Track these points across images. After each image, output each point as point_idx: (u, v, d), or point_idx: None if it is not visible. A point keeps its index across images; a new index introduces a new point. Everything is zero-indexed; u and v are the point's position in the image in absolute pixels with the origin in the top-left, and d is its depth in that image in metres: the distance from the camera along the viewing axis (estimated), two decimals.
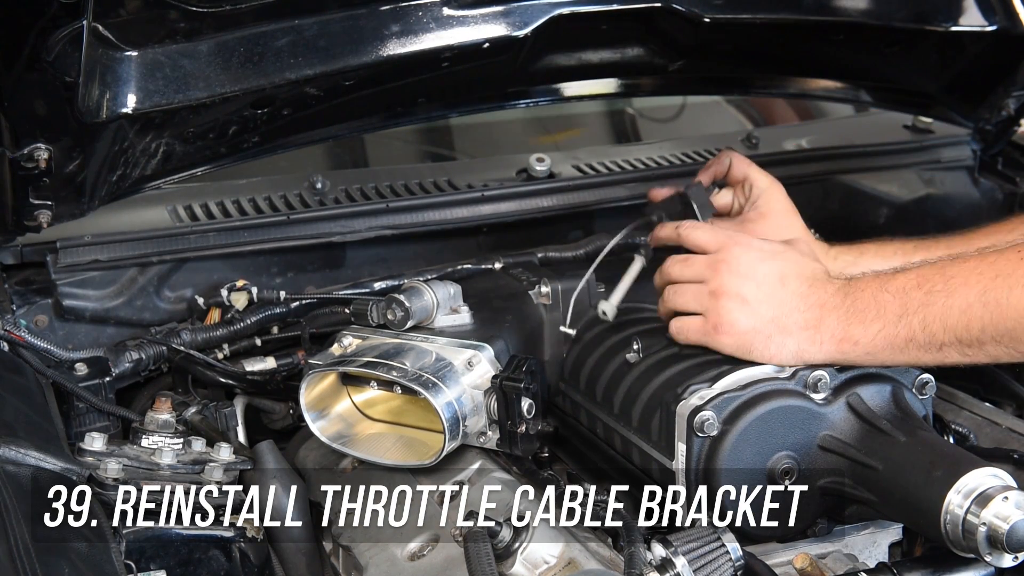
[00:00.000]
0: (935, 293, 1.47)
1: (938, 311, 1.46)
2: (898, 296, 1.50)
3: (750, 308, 1.59)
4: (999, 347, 1.44)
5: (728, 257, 1.64)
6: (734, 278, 1.61)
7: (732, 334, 1.59)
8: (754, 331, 1.58)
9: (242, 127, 1.93)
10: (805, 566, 1.45)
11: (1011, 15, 2.19)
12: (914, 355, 1.50)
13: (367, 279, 2.15)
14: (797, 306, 1.57)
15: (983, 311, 1.42)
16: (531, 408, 1.68)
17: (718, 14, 2.03)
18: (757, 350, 1.58)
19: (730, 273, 1.62)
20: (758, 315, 1.58)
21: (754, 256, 1.63)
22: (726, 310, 1.60)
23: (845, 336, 1.53)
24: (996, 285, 1.42)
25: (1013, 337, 1.42)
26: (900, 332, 1.49)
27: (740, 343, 1.59)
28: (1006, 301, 1.41)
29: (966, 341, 1.45)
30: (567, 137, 3.15)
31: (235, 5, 1.74)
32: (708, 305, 1.62)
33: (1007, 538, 1.33)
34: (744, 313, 1.59)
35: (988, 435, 1.83)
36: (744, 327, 1.59)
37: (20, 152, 1.69)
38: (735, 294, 1.60)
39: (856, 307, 1.53)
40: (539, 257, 2.22)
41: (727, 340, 1.60)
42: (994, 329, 1.42)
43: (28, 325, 1.97)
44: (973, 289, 1.44)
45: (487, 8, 1.92)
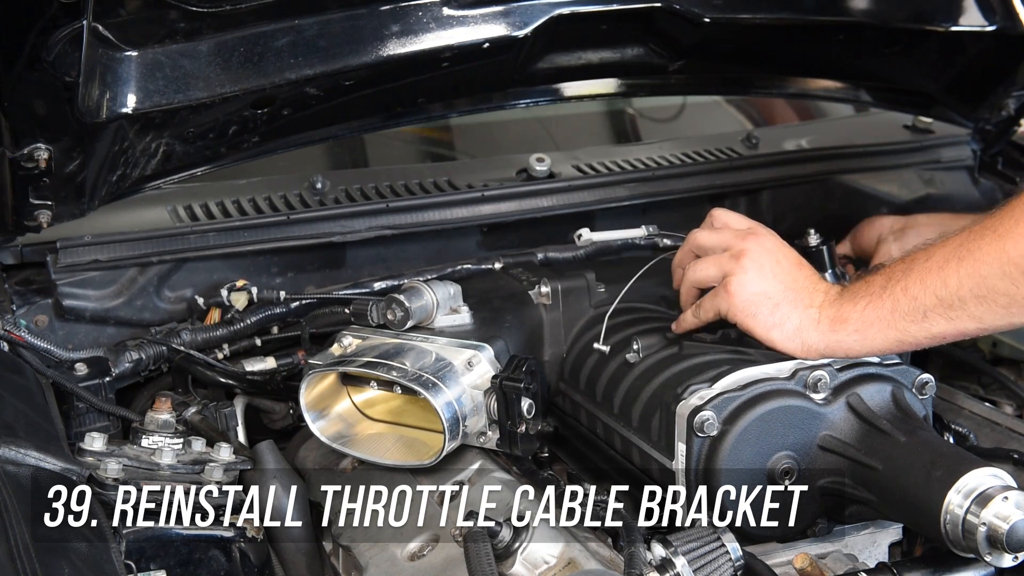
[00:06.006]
0: (915, 260, 1.52)
1: (917, 273, 1.50)
2: (883, 272, 1.56)
3: (766, 274, 1.64)
4: (981, 305, 1.45)
5: (758, 232, 1.71)
6: (758, 248, 1.66)
7: (744, 294, 1.63)
8: (763, 295, 1.62)
9: (242, 127, 1.93)
10: (805, 566, 1.45)
11: (1011, 15, 2.19)
12: (901, 327, 1.52)
13: (367, 279, 2.15)
14: (807, 287, 1.62)
15: (958, 264, 1.46)
16: (531, 408, 1.68)
17: (718, 14, 2.03)
18: (761, 315, 1.62)
19: (756, 244, 1.67)
20: (771, 282, 1.63)
21: (778, 240, 1.70)
22: (742, 269, 1.64)
23: (838, 316, 1.57)
24: (969, 237, 1.47)
25: (991, 287, 1.43)
26: (885, 302, 1.53)
27: (748, 303, 1.63)
28: (978, 249, 1.44)
29: (947, 300, 1.47)
30: (568, 137, 3.13)
31: (235, 5, 1.74)
32: (728, 267, 1.67)
33: (1007, 538, 1.33)
34: (760, 276, 1.64)
35: (988, 435, 1.83)
36: (755, 288, 1.63)
37: (20, 152, 1.69)
38: (756, 259, 1.65)
39: (850, 290, 1.59)
40: (539, 257, 2.22)
41: (738, 300, 1.64)
42: (970, 281, 1.45)
43: (28, 325, 1.97)
44: (949, 247, 1.49)
45: (487, 8, 1.92)
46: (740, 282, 1.64)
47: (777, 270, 1.65)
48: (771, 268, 1.65)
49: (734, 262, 1.66)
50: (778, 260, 1.66)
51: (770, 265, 1.65)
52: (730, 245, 1.70)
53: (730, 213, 1.80)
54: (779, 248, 1.68)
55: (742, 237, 1.70)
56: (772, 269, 1.65)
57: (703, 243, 1.76)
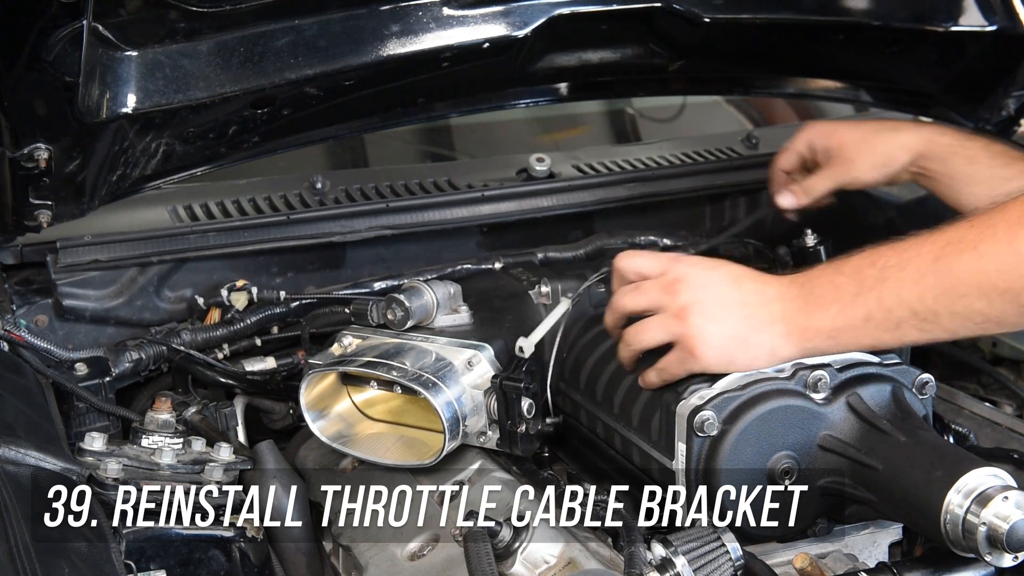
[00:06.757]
0: (889, 268, 1.46)
1: (892, 285, 1.45)
2: (853, 276, 1.49)
3: (719, 317, 1.53)
4: (955, 320, 1.42)
5: (679, 274, 1.57)
6: (693, 293, 1.54)
7: (712, 348, 1.52)
8: (730, 339, 1.52)
9: (242, 127, 1.93)
10: (805, 566, 1.45)
11: (1011, 15, 2.19)
12: (874, 335, 1.48)
13: (367, 279, 2.15)
14: (759, 302, 1.53)
15: (935, 280, 1.41)
16: (531, 408, 1.69)
17: (718, 14, 2.03)
18: (740, 357, 1.53)
19: (688, 289, 1.54)
20: (729, 322, 1.52)
21: (700, 267, 1.58)
22: (697, 327, 1.52)
23: (808, 324, 1.50)
24: (946, 252, 1.42)
25: (967, 306, 1.40)
26: (858, 311, 1.47)
27: (722, 355, 1.53)
28: (957, 267, 1.40)
29: (922, 314, 1.44)
30: (568, 136, 3.15)
31: (235, 5, 1.74)
32: (678, 329, 1.54)
33: (1007, 538, 1.33)
34: (716, 324, 1.52)
35: (988, 435, 1.83)
36: (721, 338, 1.52)
37: (20, 152, 1.69)
38: (701, 308, 1.53)
39: (814, 293, 1.51)
40: (539, 257, 2.23)
41: (709, 357, 1.52)
42: (947, 298, 1.41)
43: (28, 325, 1.97)
44: (924, 259, 1.43)
45: (487, 8, 1.92)
46: (701, 340, 1.52)
47: (724, 304, 1.53)
48: (719, 307, 1.53)
49: (682, 322, 1.53)
50: (720, 294, 1.54)
51: (716, 305, 1.53)
52: (663, 304, 1.56)
53: (636, 257, 1.66)
54: (706, 275, 1.56)
55: (671, 289, 1.56)
56: (720, 307, 1.53)
57: (633, 307, 1.62)
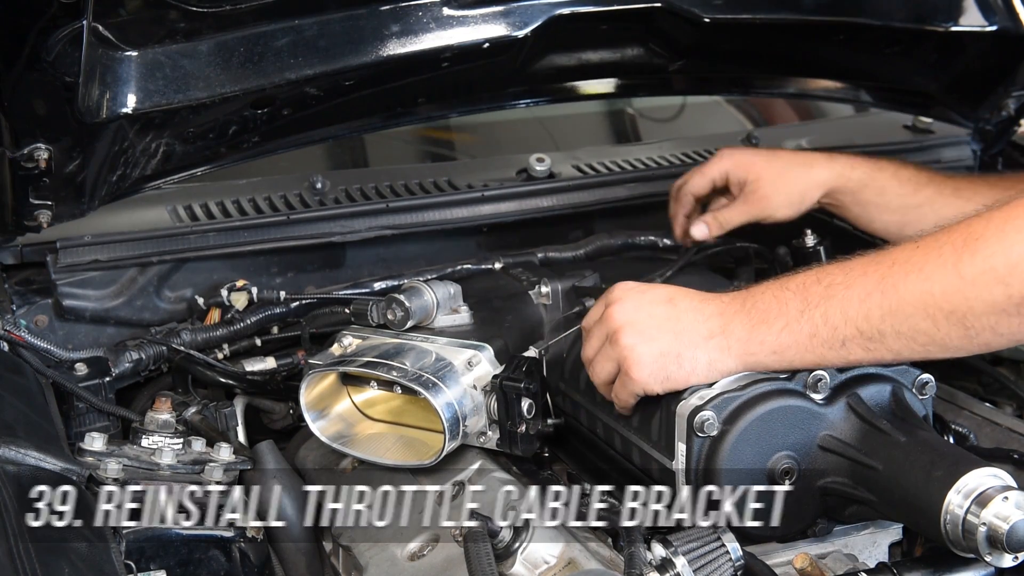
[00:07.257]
0: (835, 286, 1.46)
1: (838, 303, 1.44)
2: (798, 292, 1.48)
3: (650, 335, 1.53)
4: (900, 340, 1.42)
5: (611, 299, 1.59)
6: (623, 315, 1.55)
7: (643, 366, 1.52)
8: (662, 355, 1.52)
9: (242, 127, 1.93)
10: (805, 566, 1.45)
11: (1011, 15, 2.19)
12: (819, 352, 1.47)
13: (367, 279, 2.15)
14: (696, 319, 1.52)
15: (881, 299, 1.41)
16: (531, 408, 1.69)
17: (718, 14, 2.04)
18: (673, 373, 1.52)
19: (619, 312, 1.56)
20: (660, 339, 1.52)
21: (635, 290, 1.59)
22: (628, 347, 1.53)
23: (751, 338, 1.49)
24: (893, 272, 1.41)
25: (913, 327, 1.40)
26: (803, 327, 1.47)
27: (654, 372, 1.53)
28: (903, 287, 1.40)
29: (867, 333, 1.43)
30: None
31: (235, 5, 1.74)
32: (614, 353, 1.55)
33: (1007, 538, 1.33)
34: (645, 342, 1.53)
35: (988, 435, 1.83)
36: (651, 356, 1.52)
37: (20, 152, 1.69)
38: (629, 329, 1.54)
39: (758, 308, 1.50)
40: (539, 257, 2.23)
41: (643, 375, 1.52)
42: (893, 318, 1.41)
43: (28, 325, 1.97)
44: (871, 278, 1.43)
45: (487, 8, 1.92)
46: (634, 360, 1.52)
47: (656, 322, 1.53)
48: (648, 327, 1.53)
49: (616, 346, 1.55)
50: (649, 314, 1.54)
51: (645, 324, 1.53)
52: (604, 335, 1.58)
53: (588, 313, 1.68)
54: (639, 297, 1.57)
55: (606, 318, 1.57)
56: (652, 326, 1.53)
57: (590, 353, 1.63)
